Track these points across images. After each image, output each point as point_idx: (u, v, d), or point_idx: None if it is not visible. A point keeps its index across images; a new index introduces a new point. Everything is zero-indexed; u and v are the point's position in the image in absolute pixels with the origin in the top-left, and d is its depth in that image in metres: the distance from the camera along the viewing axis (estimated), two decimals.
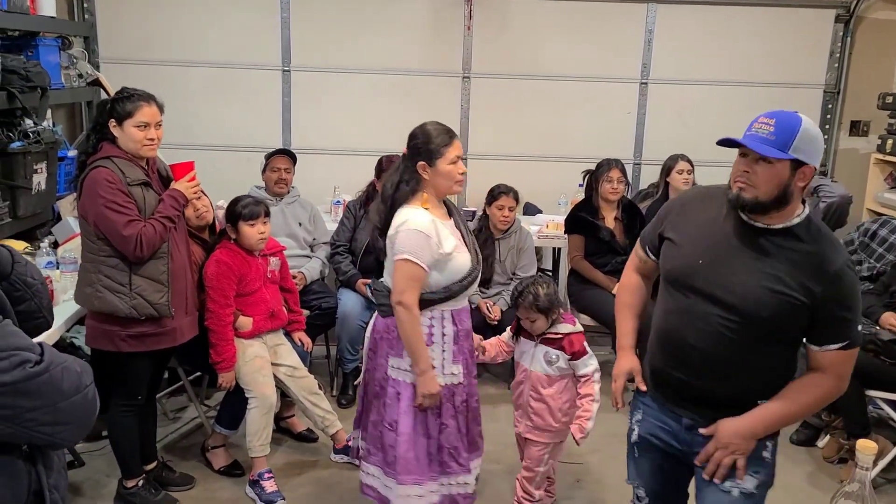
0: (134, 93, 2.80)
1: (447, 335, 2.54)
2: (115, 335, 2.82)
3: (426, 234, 2.42)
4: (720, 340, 1.93)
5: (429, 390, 2.49)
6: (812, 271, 1.85)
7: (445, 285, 2.50)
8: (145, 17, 5.01)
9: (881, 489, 3.37)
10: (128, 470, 3.06)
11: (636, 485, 2.26)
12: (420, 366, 2.47)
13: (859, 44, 5.24)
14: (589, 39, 5.18)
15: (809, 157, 1.83)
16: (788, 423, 2.04)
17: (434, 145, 2.46)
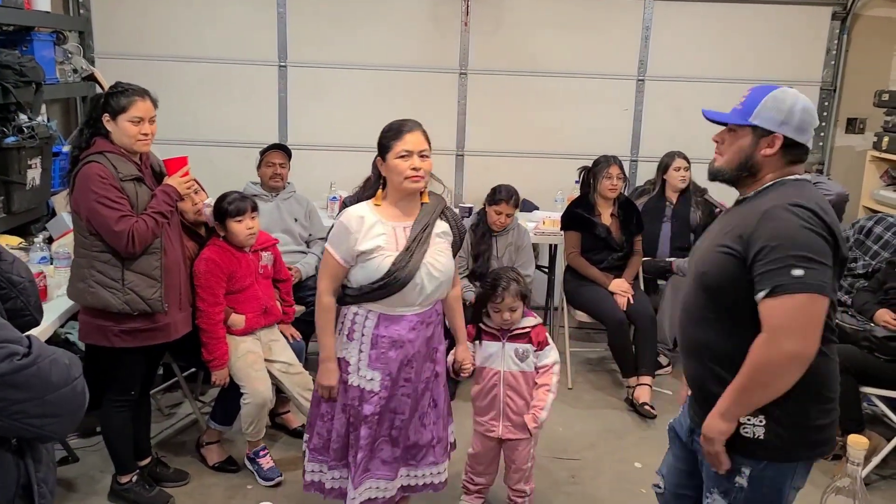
0: (128, 87, 2.79)
1: (366, 336, 2.46)
2: (108, 330, 2.81)
3: (347, 227, 2.41)
4: (691, 314, 1.93)
5: (322, 380, 2.52)
6: (745, 217, 1.80)
7: (360, 283, 2.44)
8: (140, 11, 5.00)
9: (874, 486, 3.37)
10: (122, 466, 3.06)
11: (660, 476, 2.21)
12: (321, 353, 2.52)
13: (856, 41, 5.24)
14: (586, 36, 5.17)
15: (771, 125, 1.82)
16: (753, 393, 1.77)
17: (384, 139, 2.44)
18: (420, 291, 2.43)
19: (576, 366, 4.56)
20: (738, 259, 1.76)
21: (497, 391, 2.83)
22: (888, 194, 4.58)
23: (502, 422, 2.86)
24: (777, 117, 1.82)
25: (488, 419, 2.88)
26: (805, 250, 1.69)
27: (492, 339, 2.86)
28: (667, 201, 4.63)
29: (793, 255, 1.69)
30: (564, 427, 3.84)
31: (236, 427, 3.36)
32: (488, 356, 2.85)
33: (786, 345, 1.70)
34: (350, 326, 2.48)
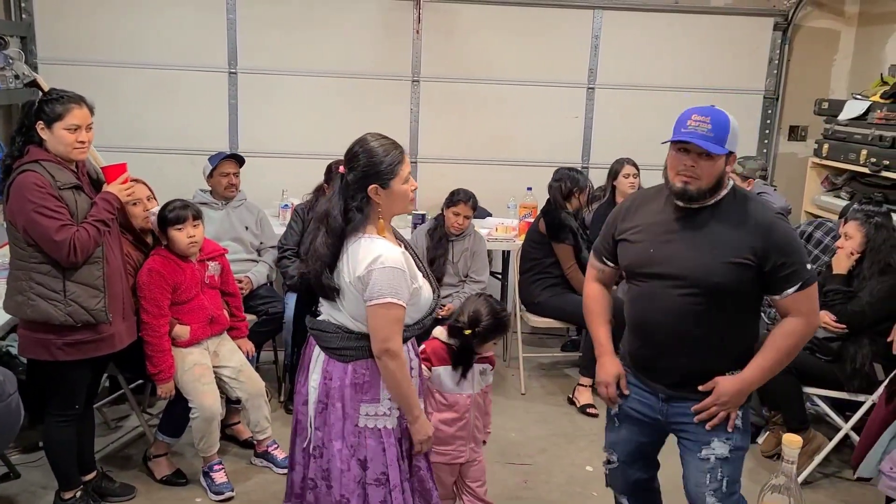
0: (63, 94, 2.72)
1: (414, 369, 2.32)
2: (51, 344, 2.73)
3: (402, 269, 2.15)
4: (683, 314, 2.16)
5: (427, 433, 2.28)
6: (752, 232, 2.10)
7: (418, 319, 2.27)
8: (85, 16, 4.90)
9: (818, 484, 3.46)
10: (65, 481, 2.98)
11: (609, 451, 2.47)
12: (414, 411, 2.23)
13: (797, 51, 5.40)
14: (537, 44, 5.23)
15: (735, 147, 2.14)
16: (775, 371, 2.19)
17: (387, 165, 2.15)
18: None
19: (529, 371, 4.59)
20: (753, 267, 2.10)
21: (468, 417, 2.70)
22: (828, 200, 4.71)
23: (469, 445, 2.73)
24: (736, 139, 2.14)
25: (455, 447, 2.71)
26: (804, 250, 2.20)
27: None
28: None
29: (803, 255, 2.14)
30: (517, 432, 3.86)
31: (185, 439, 3.31)
32: (459, 382, 2.67)
33: (816, 321, 2.21)
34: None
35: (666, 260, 2.17)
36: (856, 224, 3.44)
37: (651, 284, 2.22)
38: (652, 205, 2.28)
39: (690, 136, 2.08)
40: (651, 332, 2.24)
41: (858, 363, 3.32)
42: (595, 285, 2.48)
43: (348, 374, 2.21)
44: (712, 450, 2.20)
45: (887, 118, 4.18)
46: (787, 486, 1.46)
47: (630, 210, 2.33)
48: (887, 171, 4.06)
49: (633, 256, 2.26)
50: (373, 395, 2.22)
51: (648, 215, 2.26)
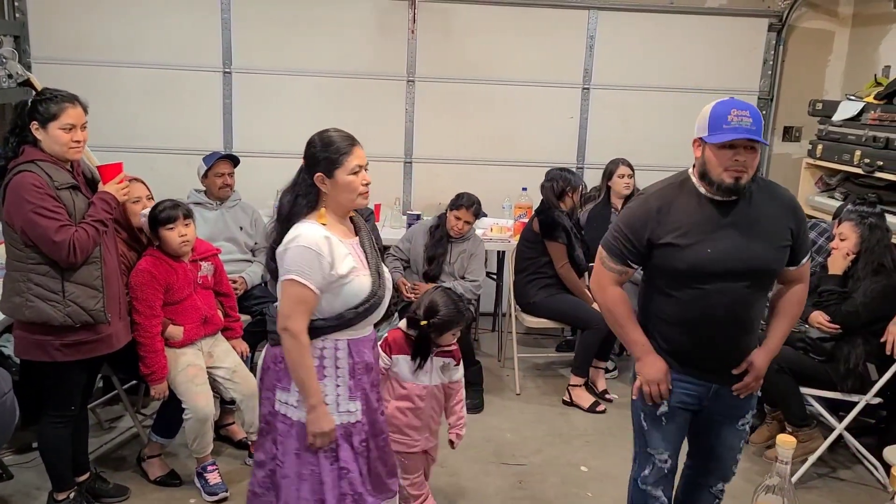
0: (57, 94, 2.71)
1: (341, 368, 2.27)
2: (49, 345, 2.72)
3: (317, 251, 2.15)
4: (742, 303, 2.27)
5: (320, 428, 2.22)
6: (787, 215, 2.28)
7: (339, 311, 2.23)
8: (79, 15, 4.89)
9: (812, 484, 3.46)
10: (59, 482, 2.97)
11: (660, 451, 2.44)
12: (310, 400, 2.20)
13: (791, 52, 5.41)
14: (532, 45, 5.23)
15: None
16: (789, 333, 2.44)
17: (331, 154, 2.20)
18: (383, 308, 2.34)
19: (524, 371, 4.59)
20: (789, 246, 2.29)
21: (425, 405, 2.77)
22: (822, 200, 4.72)
23: (424, 434, 2.81)
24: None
25: (410, 437, 2.78)
26: None
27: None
28: (612, 208, 4.71)
29: None
30: (512, 433, 3.86)
31: (179, 440, 3.30)
32: (416, 373, 2.74)
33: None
34: (319, 364, 2.25)
35: (725, 258, 2.21)
36: (850, 225, 3.44)
37: (715, 286, 2.24)
38: (681, 204, 2.27)
39: (747, 132, 2.13)
40: (708, 325, 2.28)
41: (852, 363, 3.32)
42: (616, 289, 2.40)
43: (274, 359, 2.30)
44: (746, 420, 2.45)
45: (881, 119, 4.18)
46: (781, 487, 1.46)
47: (662, 212, 2.28)
48: (881, 171, 4.07)
49: (693, 260, 2.23)
50: (285, 383, 2.27)
51: (686, 215, 2.25)
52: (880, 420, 3.78)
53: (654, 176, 4.91)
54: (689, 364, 2.35)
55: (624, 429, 3.93)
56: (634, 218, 2.32)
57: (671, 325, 2.34)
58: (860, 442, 3.52)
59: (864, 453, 3.52)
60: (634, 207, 2.37)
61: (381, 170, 5.20)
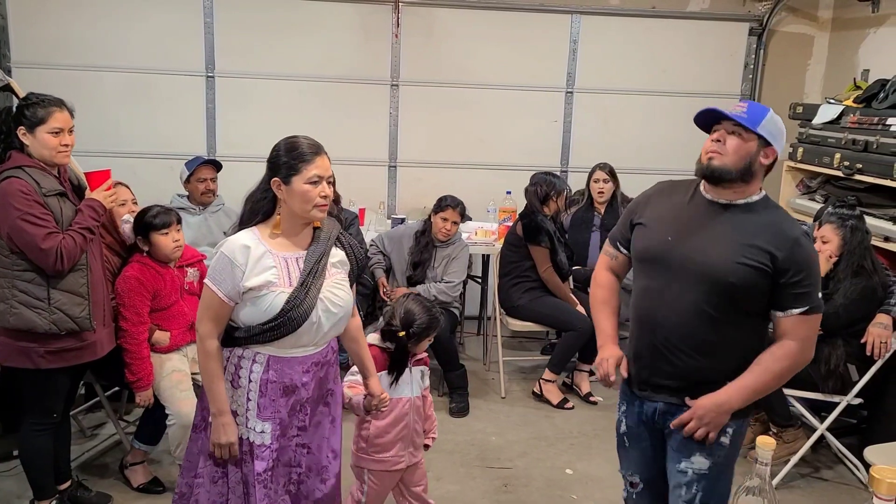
0: (44, 98, 2.70)
1: (253, 382, 2.16)
2: (33, 352, 2.69)
3: (231, 259, 2.09)
4: (694, 313, 2.06)
5: (218, 438, 2.15)
6: (773, 238, 2.01)
7: (251, 325, 2.15)
8: (61, 19, 4.86)
9: (794, 485, 3.49)
10: (41, 490, 2.94)
11: (629, 473, 2.34)
12: (213, 407, 2.15)
13: (772, 56, 5.47)
14: (515, 49, 5.25)
15: (774, 140, 2.03)
16: (762, 393, 2.08)
17: (291, 160, 2.10)
18: (317, 330, 2.18)
19: (509, 374, 4.60)
20: (767, 273, 2.00)
21: (407, 420, 2.65)
22: (803, 202, 4.76)
23: (408, 449, 2.68)
24: (776, 134, 2.04)
25: (394, 453, 2.65)
26: (819, 277, 2.06)
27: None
28: (595, 211, 4.73)
29: (816, 282, 2.03)
30: (497, 436, 3.86)
31: (163, 446, 3.28)
32: (398, 387, 2.63)
33: (811, 353, 2.08)
34: (235, 372, 2.18)
35: (683, 253, 2.07)
36: (832, 227, 3.47)
37: (663, 277, 2.11)
38: (678, 196, 2.19)
39: (723, 112, 2.04)
40: (659, 329, 2.13)
41: (833, 364, 3.35)
42: (605, 273, 2.37)
43: None
44: (691, 463, 2.12)
45: (860, 122, 4.23)
46: (761, 488, 1.47)
47: (653, 197, 2.25)
48: (860, 174, 4.12)
49: (650, 241, 2.16)
50: None
51: (671, 204, 2.18)
52: (861, 420, 3.82)
53: (637, 179, 5.02)
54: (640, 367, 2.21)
55: (609, 431, 3.94)
56: (633, 202, 2.32)
57: (633, 321, 2.26)
58: (842, 442, 3.56)
59: (845, 453, 3.55)
60: (639, 194, 2.35)
61: (366, 174, 5.22)
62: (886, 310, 3.35)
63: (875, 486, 1.39)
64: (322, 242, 2.22)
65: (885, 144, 3.94)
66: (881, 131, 4.01)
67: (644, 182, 2.49)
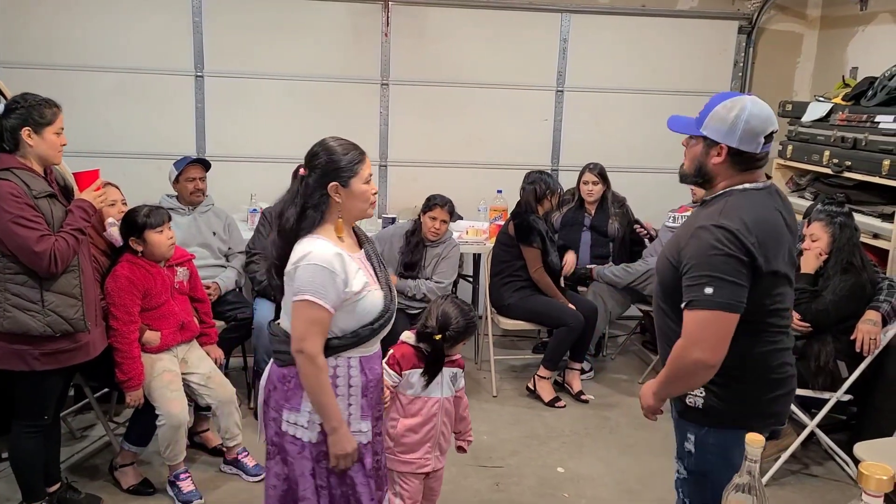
0: (45, 99, 2.72)
1: (354, 386, 2.18)
2: (27, 354, 2.68)
3: (330, 269, 2.06)
4: (657, 310, 2.14)
5: (343, 449, 2.13)
6: (685, 233, 1.99)
7: (353, 329, 2.15)
8: (48, 19, 4.82)
9: (785, 481, 3.51)
10: (30, 492, 2.92)
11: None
12: (331, 422, 2.12)
13: (761, 54, 5.49)
14: (506, 48, 5.25)
15: (717, 136, 1.96)
16: (668, 387, 2.04)
17: (347, 162, 2.13)
18: (393, 321, 2.25)
19: (500, 373, 4.60)
20: (675, 269, 1.97)
21: (436, 421, 2.61)
22: (793, 200, 4.77)
23: (434, 453, 2.64)
24: (722, 128, 1.95)
25: (421, 454, 2.61)
26: (715, 271, 1.87)
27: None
28: (585, 212, 4.74)
29: (705, 275, 1.88)
30: (489, 435, 3.86)
31: (153, 447, 3.26)
32: (427, 387, 2.59)
33: (694, 353, 1.91)
34: (332, 382, 2.15)
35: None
36: (821, 225, 3.48)
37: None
38: None
39: (675, 120, 2.09)
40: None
41: (822, 361, 3.37)
42: None
43: (282, 379, 2.18)
44: (677, 467, 2.17)
45: (849, 120, 4.25)
46: (751, 485, 1.47)
47: None
48: (849, 171, 4.14)
49: None
50: (294, 404, 2.16)
51: None
52: (851, 417, 3.83)
53: (627, 177, 5.04)
54: None
55: (600, 429, 3.97)
56: None
57: None
58: (832, 438, 3.57)
59: (835, 450, 3.57)
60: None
61: None
62: (875, 306, 3.37)
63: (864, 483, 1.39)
64: (369, 240, 2.32)
65: (874, 142, 3.96)
66: (870, 129, 4.03)
67: (634, 180, 2.50)
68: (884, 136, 3.90)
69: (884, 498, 1.41)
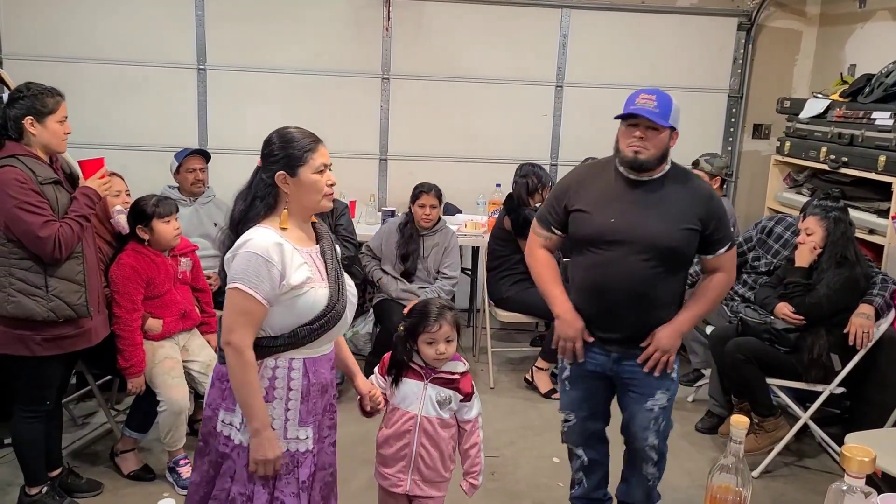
0: (48, 88, 2.75)
1: (294, 390, 2.05)
2: (29, 339, 2.72)
3: (266, 258, 1.94)
4: (641, 277, 2.44)
5: (263, 455, 1.99)
6: (697, 202, 2.47)
7: (291, 328, 2.02)
8: (52, 11, 4.86)
9: (778, 473, 3.54)
10: (32, 477, 2.96)
11: (566, 411, 2.75)
12: (253, 423, 1.98)
13: (760, 51, 5.50)
14: (506, 42, 5.28)
15: (677, 125, 2.45)
16: (702, 317, 2.74)
17: (294, 150, 2.02)
18: (344, 323, 2.12)
19: (497, 365, 4.64)
20: (698, 233, 2.46)
21: (410, 439, 2.38)
22: (790, 196, 4.81)
23: (411, 475, 2.41)
24: (677, 118, 2.45)
25: (395, 471, 2.42)
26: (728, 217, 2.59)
27: (413, 376, 2.40)
28: None
29: (728, 222, 2.57)
30: (486, 425, 3.85)
31: (153, 434, 3.30)
32: (404, 398, 2.39)
33: (734, 276, 2.66)
34: (269, 385, 2.04)
35: (628, 228, 2.43)
36: (815, 219, 3.51)
37: (613, 253, 2.45)
38: (603, 177, 2.53)
39: (640, 110, 2.37)
40: (608, 294, 2.48)
41: (816, 354, 3.40)
42: (541, 251, 2.69)
43: (220, 376, 2.09)
44: (656, 401, 2.57)
45: (846, 116, 4.28)
46: (735, 466, 1.51)
47: (581, 182, 2.58)
48: (846, 167, 4.17)
49: (596, 227, 2.48)
50: (230, 403, 2.06)
51: (601, 187, 2.51)
52: (844, 410, 3.87)
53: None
54: (591, 329, 2.57)
55: None
56: (559, 187, 2.66)
57: (578, 292, 2.58)
58: (825, 431, 3.61)
59: (828, 442, 3.61)
60: (564, 178, 2.71)
61: (357, 166, 5.23)
62: (869, 300, 3.40)
63: (846, 465, 1.43)
64: (328, 236, 2.19)
65: (870, 138, 3.99)
66: (866, 125, 4.06)
67: None
68: (880, 132, 3.93)
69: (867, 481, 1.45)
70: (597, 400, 2.71)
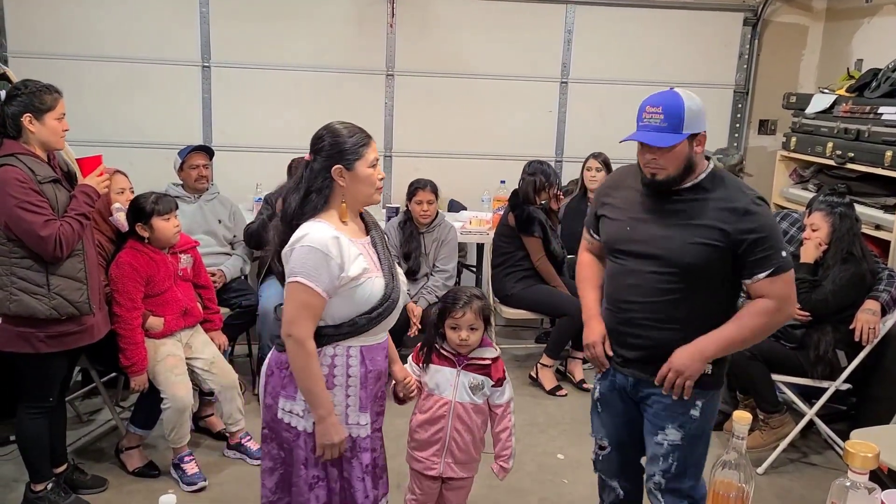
0: (45, 85, 2.75)
1: (353, 377, 2.13)
2: (32, 336, 2.73)
3: (325, 252, 2.00)
4: (656, 292, 2.21)
5: (330, 439, 2.07)
6: (720, 214, 2.15)
7: (351, 317, 2.09)
8: (57, 9, 4.87)
9: (783, 469, 3.52)
10: (37, 473, 2.97)
11: (599, 437, 2.49)
12: (319, 410, 2.06)
13: (766, 46, 5.48)
14: (510, 39, 5.27)
15: (699, 127, 2.17)
16: (737, 346, 2.23)
17: (351, 145, 2.09)
18: (398, 312, 2.19)
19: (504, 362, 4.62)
20: (720, 248, 2.13)
21: (444, 423, 2.47)
22: (796, 192, 4.79)
23: (444, 458, 2.50)
24: (699, 119, 2.17)
25: (429, 455, 2.50)
26: (780, 237, 2.18)
27: (446, 363, 2.49)
28: (588, 201, 4.75)
29: (778, 241, 2.15)
30: None
31: (158, 431, 3.31)
32: (437, 384, 2.48)
33: (790, 309, 2.21)
34: (329, 373, 2.10)
35: (642, 239, 2.23)
36: (821, 215, 3.49)
37: (627, 261, 2.28)
38: (631, 184, 2.32)
39: (642, 134, 2.15)
40: (623, 305, 2.29)
41: (822, 350, 3.38)
42: (586, 254, 2.55)
43: (279, 364, 2.15)
44: (665, 435, 2.27)
45: (852, 111, 4.26)
46: (737, 462, 1.50)
47: (612, 187, 2.41)
48: (852, 163, 4.14)
49: (612, 233, 2.33)
50: (290, 392, 2.12)
51: (628, 193, 2.32)
52: (850, 406, 3.85)
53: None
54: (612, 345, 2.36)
55: None
56: (597, 192, 2.51)
57: (605, 300, 2.42)
58: (831, 428, 3.59)
59: (834, 439, 3.59)
60: (602, 183, 2.56)
61: None
62: (875, 296, 3.38)
63: (849, 460, 1.42)
64: (377, 227, 2.26)
65: (877, 133, 3.96)
66: (873, 120, 4.03)
67: None
68: (886, 127, 3.90)
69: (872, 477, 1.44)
70: (631, 427, 2.40)
